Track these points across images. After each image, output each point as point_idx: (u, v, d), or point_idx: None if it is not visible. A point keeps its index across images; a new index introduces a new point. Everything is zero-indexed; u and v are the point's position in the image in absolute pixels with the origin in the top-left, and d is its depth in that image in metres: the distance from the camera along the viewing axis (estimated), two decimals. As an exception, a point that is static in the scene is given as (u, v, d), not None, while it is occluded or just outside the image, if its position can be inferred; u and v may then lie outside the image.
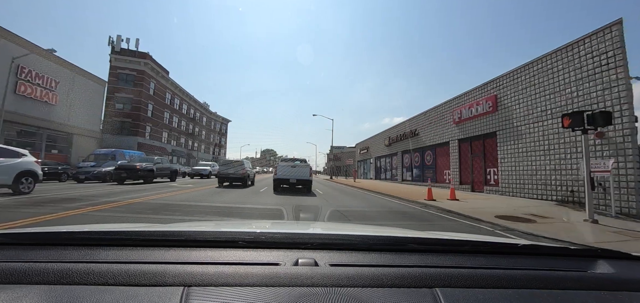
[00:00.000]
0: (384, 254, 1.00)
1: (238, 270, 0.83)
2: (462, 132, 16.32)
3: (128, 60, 35.50)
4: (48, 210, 6.13)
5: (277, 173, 13.09)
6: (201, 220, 5.77)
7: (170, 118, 43.52)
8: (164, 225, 1.29)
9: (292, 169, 12.96)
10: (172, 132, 44.12)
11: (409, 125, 23.68)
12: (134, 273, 0.78)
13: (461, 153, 16.67)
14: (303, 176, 12.81)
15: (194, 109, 53.14)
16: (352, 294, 0.75)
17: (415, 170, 22.44)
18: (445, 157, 18.37)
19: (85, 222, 5.27)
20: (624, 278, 0.89)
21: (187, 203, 8.16)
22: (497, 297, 0.78)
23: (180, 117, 47.05)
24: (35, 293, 0.71)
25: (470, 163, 15.74)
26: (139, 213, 6.36)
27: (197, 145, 54.68)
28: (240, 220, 4.95)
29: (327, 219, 6.23)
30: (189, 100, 50.53)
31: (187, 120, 50.03)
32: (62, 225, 2.04)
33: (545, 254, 1.11)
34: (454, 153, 17.10)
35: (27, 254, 0.91)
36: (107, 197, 8.87)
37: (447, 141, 17.81)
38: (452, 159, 17.26)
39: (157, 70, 38.88)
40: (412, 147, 22.64)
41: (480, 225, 6.33)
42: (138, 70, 35.90)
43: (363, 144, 38.20)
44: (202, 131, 57.36)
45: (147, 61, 36.39)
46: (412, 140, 22.73)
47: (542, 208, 8.70)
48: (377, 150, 32.14)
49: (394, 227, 1.69)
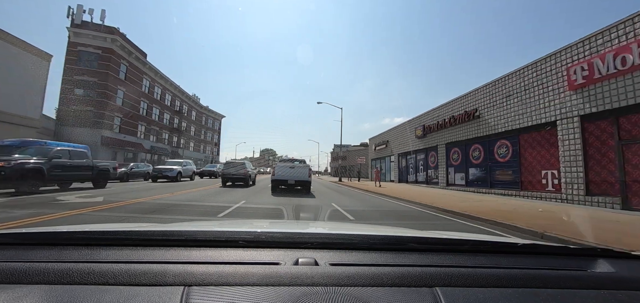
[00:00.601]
0: (384, 253, 1.00)
1: (238, 269, 0.83)
2: (593, 100, 9.25)
3: (91, 35, 28.64)
4: None
5: (275, 173, 12.42)
6: (201, 219, 5.56)
7: (148, 109, 36.45)
8: (164, 225, 1.30)
9: (290, 170, 12.32)
10: (150, 125, 36.82)
11: (461, 104, 16.52)
12: (135, 273, 0.78)
13: (587, 138, 9.59)
14: (302, 177, 12.21)
15: (181, 101, 45.38)
16: (352, 293, 0.75)
17: (475, 171, 15.23)
18: (542, 149, 11.26)
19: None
20: (623, 277, 0.89)
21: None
22: (497, 296, 0.78)
23: (162, 109, 39.80)
24: (35, 293, 0.71)
25: (618, 155, 8.67)
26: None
27: (184, 142, 46.71)
28: (241, 220, 5.02)
29: (327, 219, 6.14)
30: (174, 90, 43.17)
31: (172, 113, 42.64)
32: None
33: (545, 253, 1.10)
34: (569, 140, 9.99)
35: (28, 254, 0.91)
36: None
37: (553, 120, 10.67)
38: (565, 151, 10.12)
39: (130, 50, 31.88)
40: (469, 136, 15.54)
41: None
42: (104, 48, 29.04)
43: (379, 138, 31.00)
44: (190, 127, 49.39)
45: (116, 38, 29.52)
46: (468, 126, 15.66)
47: None
48: (400, 145, 25.03)
49: (394, 226, 1.79)
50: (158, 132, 38.97)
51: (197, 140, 52.26)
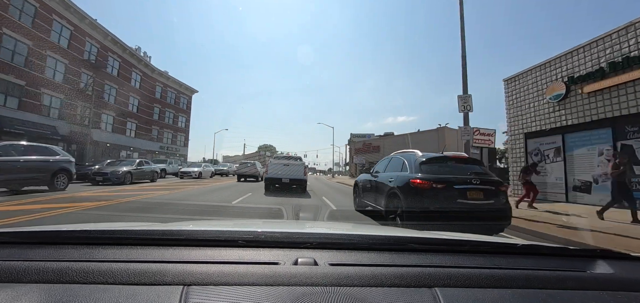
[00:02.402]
0: (384, 253, 1.00)
1: (237, 269, 0.83)
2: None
3: None
4: None
5: (268, 171, 11.99)
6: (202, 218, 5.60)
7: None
8: (163, 224, 1.29)
9: (284, 168, 11.85)
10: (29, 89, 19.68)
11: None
12: (134, 272, 0.78)
13: None
14: (297, 175, 11.77)
15: (106, 51, 27.11)
16: (351, 293, 0.75)
17: None
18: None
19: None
20: (623, 278, 0.90)
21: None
22: (496, 297, 0.78)
23: (61, 56, 22.18)
24: (34, 292, 0.71)
25: None
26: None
27: (113, 119, 28.37)
28: (240, 219, 5.04)
29: (326, 219, 6.07)
30: (90, 30, 24.96)
31: (90, 68, 24.78)
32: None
33: (544, 254, 1.11)
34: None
35: (26, 253, 0.91)
36: None
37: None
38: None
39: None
40: None
41: None
42: None
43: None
44: (130, 98, 31.03)
45: None
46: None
47: None
48: (535, 119, 11.64)
49: (394, 227, 1.80)
50: (47, 106, 21.26)
51: (145, 122, 33.52)
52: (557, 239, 4.80)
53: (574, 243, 4.34)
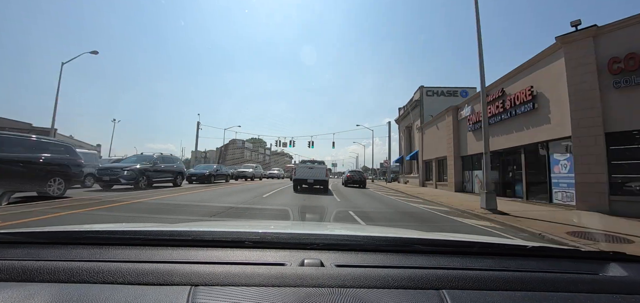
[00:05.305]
0: (391, 255, 0.99)
1: (244, 270, 0.83)
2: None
3: None
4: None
5: (296, 174, 14.14)
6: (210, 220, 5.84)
7: None
8: (171, 225, 1.32)
9: (309, 170, 13.94)
10: None
11: None
12: (142, 272, 0.79)
13: None
14: (320, 176, 13.68)
15: None
16: (358, 295, 0.74)
17: None
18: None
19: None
20: (636, 281, 0.88)
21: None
22: (505, 299, 0.77)
23: None
24: (45, 291, 0.72)
25: None
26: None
27: None
28: (247, 221, 5.35)
29: (333, 220, 6.32)
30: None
31: None
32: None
33: (555, 256, 1.08)
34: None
35: (38, 252, 0.92)
36: None
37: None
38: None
39: None
40: None
41: None
42: None
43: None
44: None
45: None
46: None
47: None
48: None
49: (401, 228, 1.74)
50: None
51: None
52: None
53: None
